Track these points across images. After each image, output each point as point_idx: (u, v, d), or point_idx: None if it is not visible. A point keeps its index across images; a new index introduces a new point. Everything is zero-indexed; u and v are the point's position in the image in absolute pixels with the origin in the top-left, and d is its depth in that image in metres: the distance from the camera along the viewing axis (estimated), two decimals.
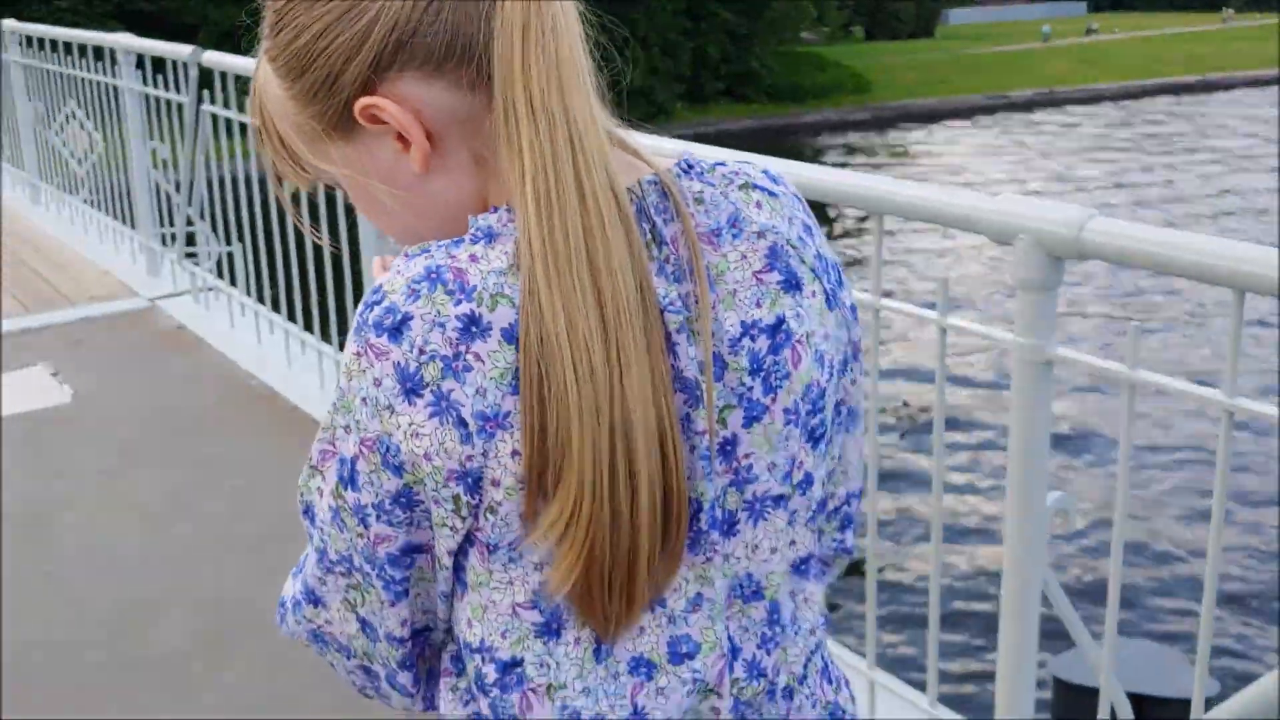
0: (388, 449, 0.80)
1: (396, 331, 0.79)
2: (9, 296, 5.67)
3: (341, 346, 3.06)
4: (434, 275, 0.80)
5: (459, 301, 0.79)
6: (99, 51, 6.02)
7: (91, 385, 4.52)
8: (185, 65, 5.00)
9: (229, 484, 3.73)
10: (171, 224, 5.52)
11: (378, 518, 0.84)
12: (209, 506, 3.58)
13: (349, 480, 0.84)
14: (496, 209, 0.84)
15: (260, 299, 4.77)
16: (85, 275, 5.99)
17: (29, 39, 7.34)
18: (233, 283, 4.97)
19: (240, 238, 4.88)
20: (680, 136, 2.31)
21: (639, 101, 40.44)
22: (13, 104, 7.73)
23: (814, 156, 36.02)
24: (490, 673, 0.88)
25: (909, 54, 55.47)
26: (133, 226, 6.02)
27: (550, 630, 0.87)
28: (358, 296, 3.96)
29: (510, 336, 0.79)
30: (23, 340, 5.07)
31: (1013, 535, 1.98)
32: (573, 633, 0.87)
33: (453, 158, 0.86)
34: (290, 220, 4.42)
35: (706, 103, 43.20)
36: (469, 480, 0.80)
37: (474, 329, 0.78)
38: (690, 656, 0.89)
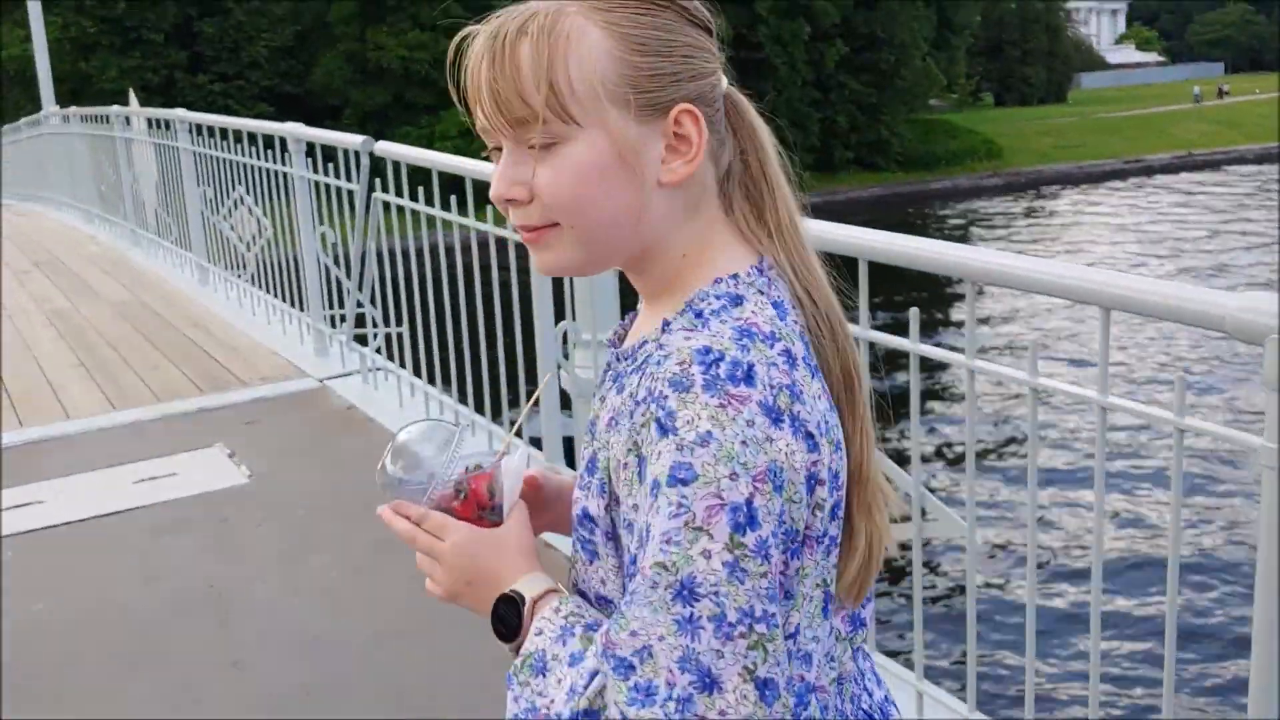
0: (776, 474, 0.92)
1: (749, 378, 0.94)
2: (184, 377, 5.88)
3: (510, 423, 3.06)
4: (745, 330, 0.98)
5: (773, 345, 0.97)
6: (268, 139, 6.27)
7: (267, 465, 4.63)
8: (357, 154, 5.16)
9: (406, 566, 3.74)
10: (340, 306, 5.67)
11: (777, 547, 0.93)
12: (388, 590, 3.60)
13: (748, 522, 0.91)
14: (721, 279, 1.04)
15: (430, 379, 4.85)
16: (256, 356, 6.18)
17: (198, 127, 7.70)
18: (401, 363, 5.06)
19: (408, 318, 4.98)
20: (812, 205, 2.27)
21: None
22: (181, 189, 8.10)
23: (943, 224, 35.58)
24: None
25: (1041, 119, 54.63)
26: (302, 308, 6.20)
27: (826, 608, 1.04)
28: (527, 375, 3.97)
29: (809, 364, 1.01)
30: (199, 420, 5.24)
31: (1264, 639, 1.86)
32: (833, 605, 1.05)
33: (684, 193, 1.04)
34: (451, 299, 4.50)
35: (836, 172, 43.16)
36: (811, 483, 0.96)
37: (792, 362, 0.98)
38: (862, 624, 1.14)
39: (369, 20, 36.72)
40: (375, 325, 5.39)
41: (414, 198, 4.69)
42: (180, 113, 8.06)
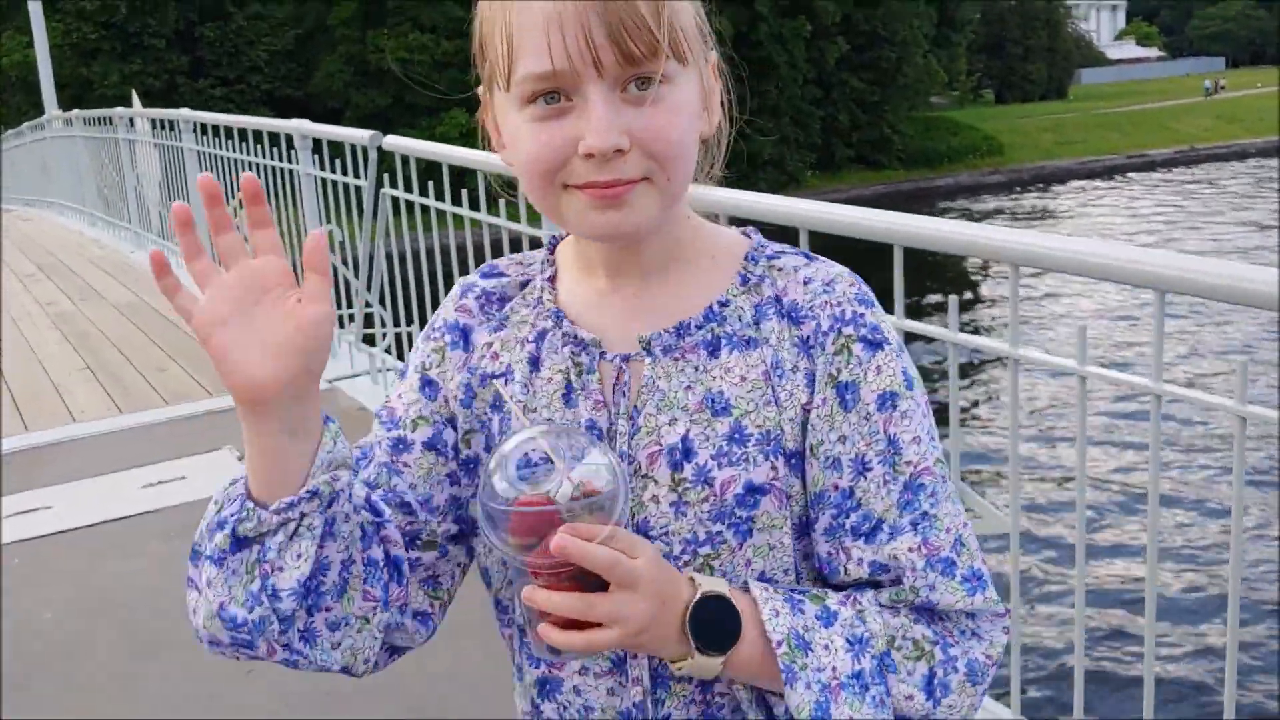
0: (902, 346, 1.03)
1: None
2: (190, 379, 5.81)
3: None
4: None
5: None
6: (273, 137, 6.18)
7: None
8: (364, 150, 5.08)
9: None
10: (348, 306, 5.59)
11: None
12: None
13: (916, 379, 1.02)
14: (748, 232, 1.10)
15: None
16: None
17: (202, 126, 7.62)
18: None
19: (419, 318, 4.90)
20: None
21: (770, 171, 40.55)
22: (186, 190, 8.02)
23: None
24: None
25: (1042, 115, 54.57)
26: None
27: None
28: None
29: None
30: (207, 423, 5.16)
31: None
32: None
33: None
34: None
35: (838, 170, 43.08)
36: None
37: None
38: None
39: (369, 23, 36.69)
40: (384, 325, 5.30)
41: (424, 193, 4.61)
42: (185, 112, 7.99)
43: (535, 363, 1.04)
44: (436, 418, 1.07)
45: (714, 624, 0.93)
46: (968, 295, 21.08)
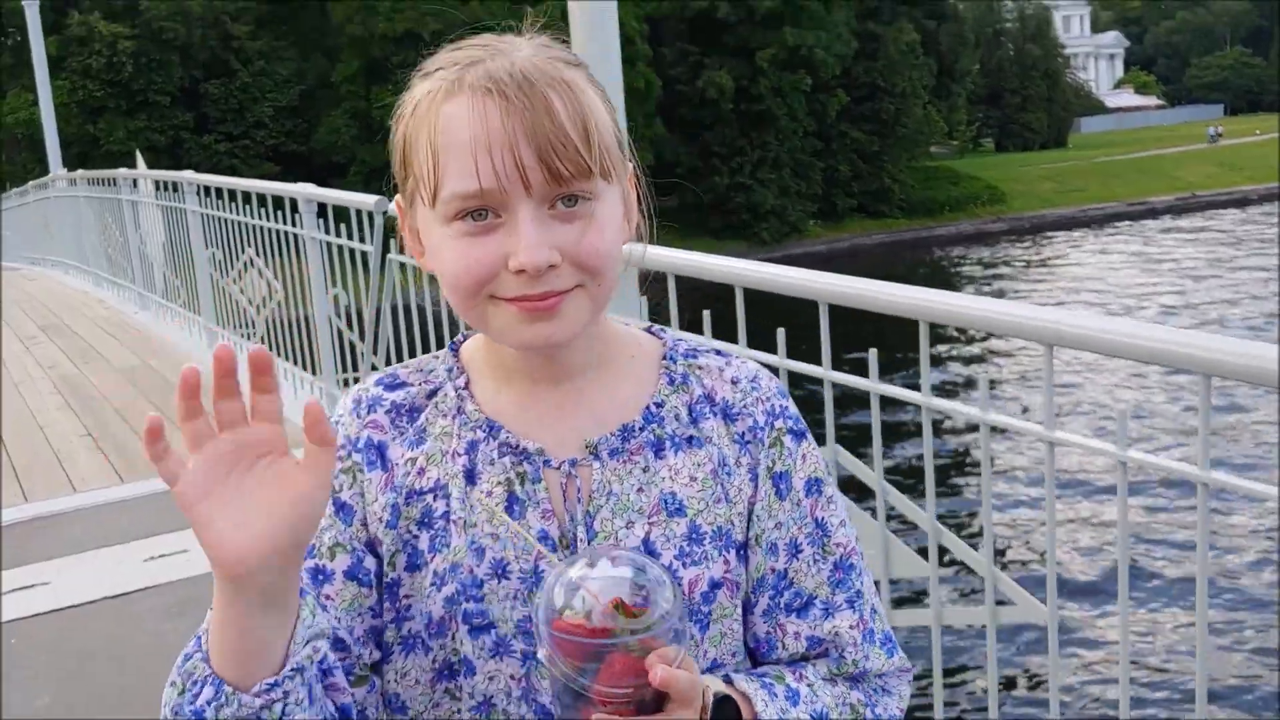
0: None
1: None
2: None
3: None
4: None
5: None
6: (278, 200, 6.14)
7: None
8: (370, 214, 5.02)
9: None
10: (354, 369, 5.51)
11: None
12: None
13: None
14: (649, 329, 1.14)
15: None
16: None
17: (206, 189, 7.59)
18: None
19: None
20: (813, 253, 2.31)
21: (772, 221, 40.68)
22: (189, 252, 7.97)
23: (951, 269, 35.54)
24: None
25: (1043, 163, 54.81)
26: (313, 372, 6.04)
27: None
28: None
29: None
30: None
31: None
32: None
33: None
34: None
35: (840, 219, 43.21)
36: None
37: None
38: None
39: (373, 79, 36.93)
40: None
41: None
42: (188, 175, 7.95)
43: (471, 476, 1.02)
44: (354, 544, 1.03)
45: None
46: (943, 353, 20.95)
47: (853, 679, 1.08)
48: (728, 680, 1.02)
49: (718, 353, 1.11)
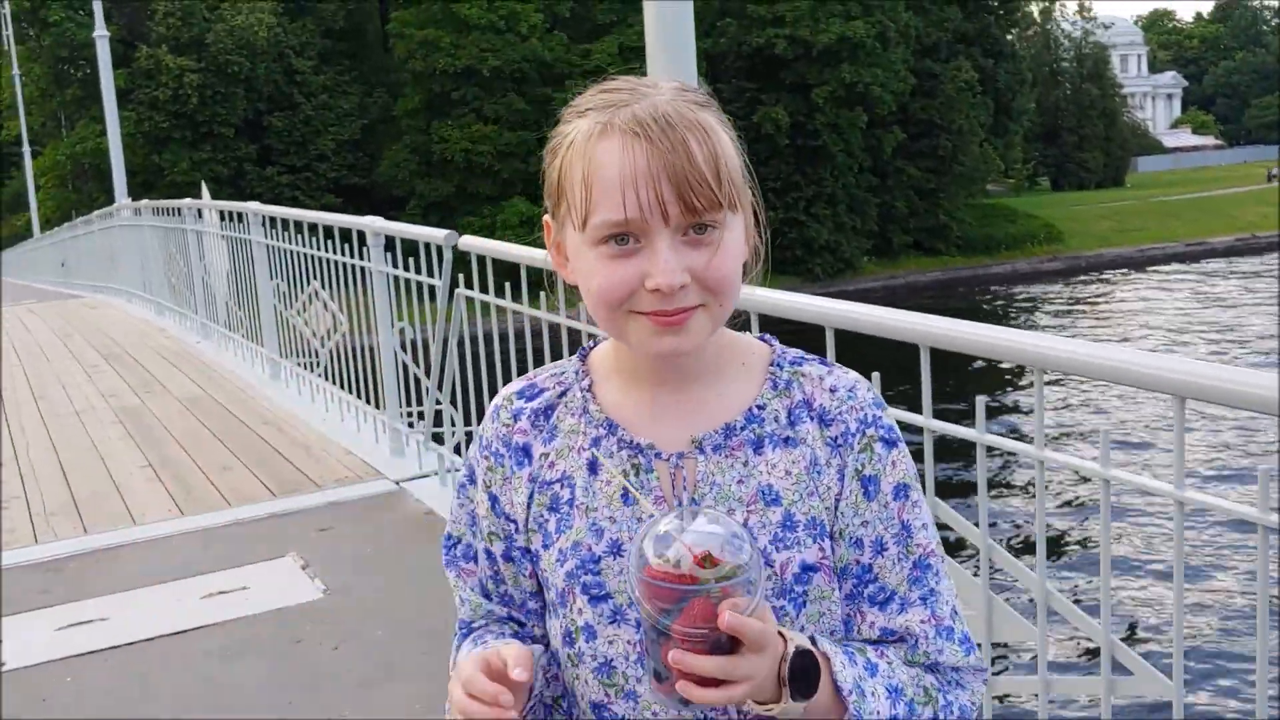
0: None
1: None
2: (255, 479, 5.65)
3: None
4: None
5: None
6: (345, 232, 6.09)
7: (343, 579, 4.34)
8: (439, 248, 4.95)
9: None
10: (418, 403, 5.42)
11: None
12: None
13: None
14: (764, 338, 1.27)
15: None
16: (329, 455, 5.93)
17: (271, 219, 7.58)
18: None
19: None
20: (867, 289, 2.24)
21: (826, 257, 40.44)
22: (253, 282, 7.97)
23: (1008, 306, 35.09)
24: None
25: (1099, 203, 54.13)
26: (377, 406, 5.96)
27: None
28: None
29: None
30: (271, 527, 4.97)
31: None
32: None
33: None
34: None
35: (896, 256, 42.89)
36: None
37: None
38: None
39: (434, 114, 37.31)
40: (454, 425, 5.12)
41: (499, 292, 4.46)
42: (254, 206, 7.96)
43: (593, 467, 1.19)
44: (509, 529, 1.23)
45: (805, 674, 1.07)
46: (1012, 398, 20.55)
47: (928, 668, 1.18)
48: (812, 641, 1.12)
49: (822, 362, 1.23)
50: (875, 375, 2.29)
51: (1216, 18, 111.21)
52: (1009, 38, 50.32)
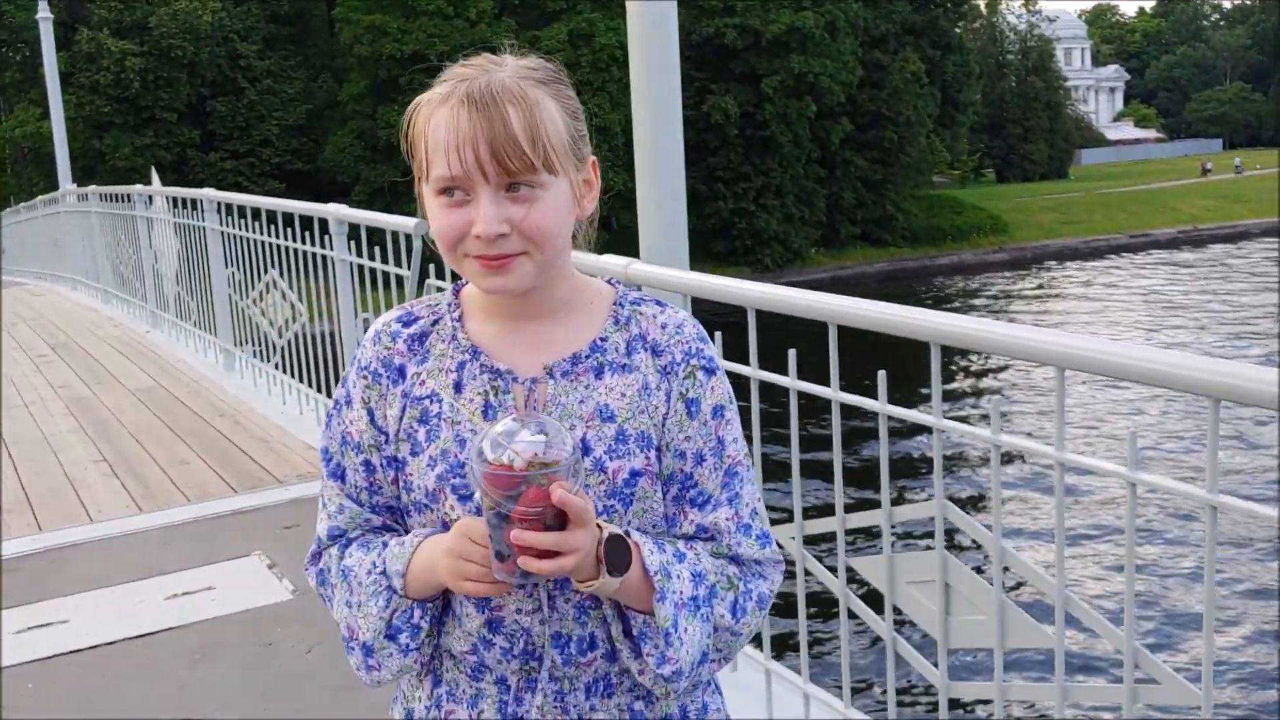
0: None
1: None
2: (214, 475, 5.49)
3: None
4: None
5: None
6: (305, 220, 5.94)
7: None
8: (408, 237, 4.83)
9: None
10: None
11: None
12: None
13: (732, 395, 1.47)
14: (611, 282, 1.46)
15: None
16: (289, 450, 5.78)
17: (227, 206, 7.39)
18: None
19: None
20: (816, 280, 2.33)
21: (775, 247, 40.52)
22: (206, 270, 7.77)
23: (957, 297, 35.40)
24: None
25: (1044, 194, 54.75)
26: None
27: None
28: None
29: None
30: (234, 524, 4.84)
31: None
32: None
33: (578, 225, 1.39)
34: None
35: (843, 247, 43.08)
36: None
37: None
38: None
39: (380, 99, 36.84)
40: None
41: None
42: (209, 192, 7.76)
43: (458, 387, 1.36)
44: (380, 440, 1.39)
45: (618, 554, 1.27)
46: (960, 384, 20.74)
47: (732, 559, 1.39)
48: (626, 533, 1.31)
49: (657, 303, 1.43)
50: (834, 365, 2.23)
51: (1158, 12, 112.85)
52: (956, 30, 50.63)
